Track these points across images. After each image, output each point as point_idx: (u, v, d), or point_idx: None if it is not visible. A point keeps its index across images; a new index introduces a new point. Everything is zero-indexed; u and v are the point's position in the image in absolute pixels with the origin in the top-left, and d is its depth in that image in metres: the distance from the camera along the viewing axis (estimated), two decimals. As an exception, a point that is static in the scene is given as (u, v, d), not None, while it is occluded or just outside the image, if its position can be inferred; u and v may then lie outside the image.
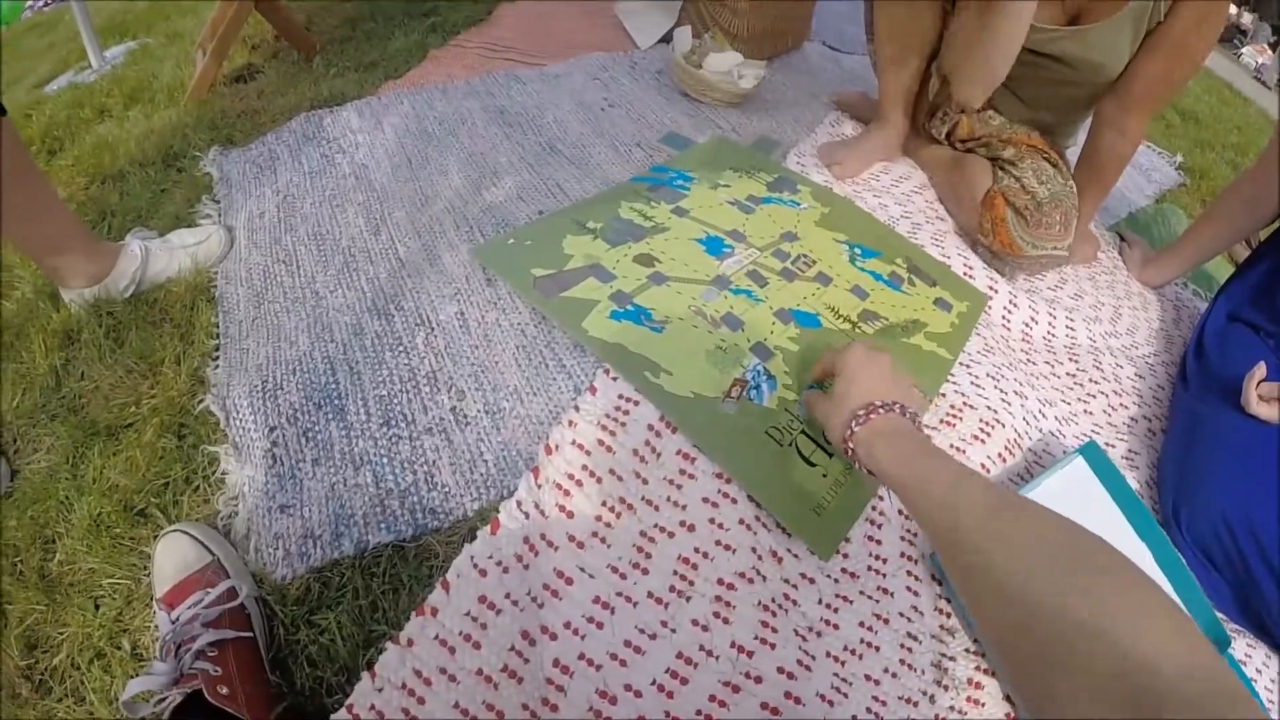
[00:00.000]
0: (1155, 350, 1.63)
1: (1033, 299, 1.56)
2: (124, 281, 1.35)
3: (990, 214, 1.55)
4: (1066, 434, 1.31)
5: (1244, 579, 1.12)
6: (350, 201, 1.56)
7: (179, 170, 1.76)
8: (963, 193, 1.66)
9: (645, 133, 1.89)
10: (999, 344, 1.44)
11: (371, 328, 1.24)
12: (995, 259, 1.58)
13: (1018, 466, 1.21)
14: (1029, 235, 1.50)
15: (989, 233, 1.55)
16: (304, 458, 1.04)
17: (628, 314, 1.24)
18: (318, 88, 2.08)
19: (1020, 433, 1.23)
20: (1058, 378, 1.44)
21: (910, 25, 1.63)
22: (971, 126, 1.70)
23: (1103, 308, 1.68)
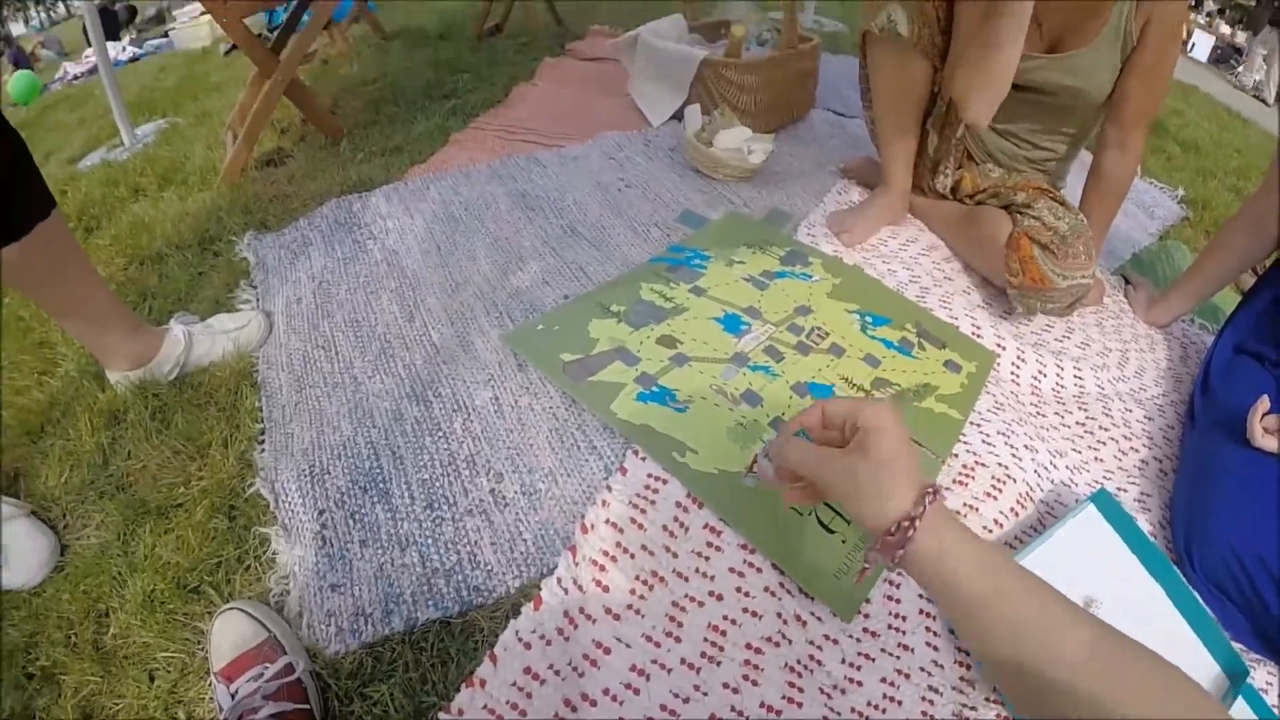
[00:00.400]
0: (1164, 390, 1.66)
1: (1040, 352, 1.61)
2: (168, 365, 1.41)
3: (1017, 254, 1.60)
4: (1079, 482, 1.35)
5: (1258, 608, 1.13)
6: (383, 288, 1.63)
7: (215, 254, 1.84)
8: (984, 242, 1.72)
9: (661, 212, 1.97)
10: (1009, 400, 1.49)
11: (411, 413, 1.30)
12: (1025, 297, 1.62)
13: (1030, 519, 1.24)
14: (1059, 267, 1.55)
15: (1018, 272, 1.60)
16: (352, 539, 1.10)
17: (653, 395, 1.30)
18: (346, 172, 2.17)
19: (1032, 485, 1.27)
20: (1068, 427, 1.48)
21: (903, 84, 1.73)
22: (975, 181, 1.79)
23: (1110, 353, 1.71)
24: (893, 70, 1.72)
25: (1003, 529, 1.21)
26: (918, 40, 1.64)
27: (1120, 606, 1.10)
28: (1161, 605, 1.14)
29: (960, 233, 1.87)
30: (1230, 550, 1.16)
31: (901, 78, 1.72)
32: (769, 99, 2.47)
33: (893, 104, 1.77)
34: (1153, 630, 1.05)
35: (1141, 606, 1.13)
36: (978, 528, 1.17)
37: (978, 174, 1.80)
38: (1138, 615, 1.11)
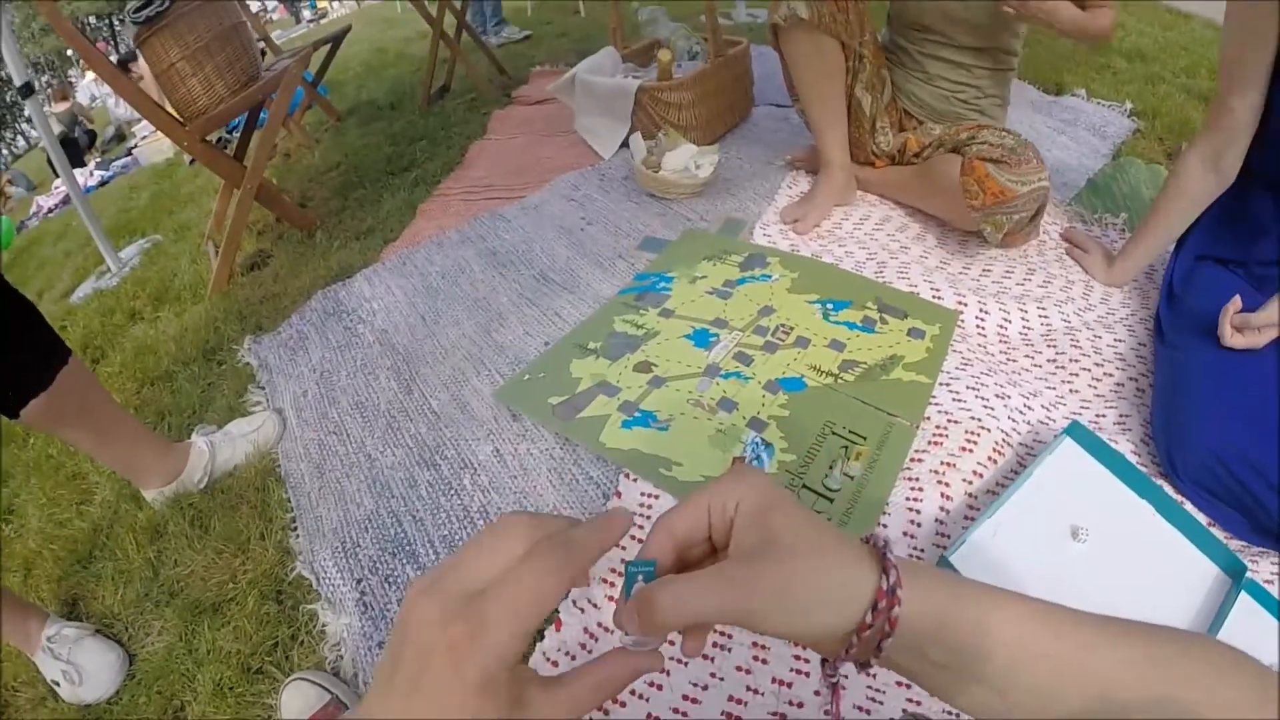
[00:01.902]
0: (1132, 310, 1.67)
1: (1002, 300, 1.67)
2: (198, 475, 1.53)
3: (973, 177, 1.68)
4: (1056, 418, 1.39)
5: (1250, 504, 1.14)
6: (380, 367, 1.76)
7: (220, 363, 1.97)
8: (939, 183, 1.83)
9: (623, 242, 2.09)
10: (977, 353, 1.55)
11: (424, 478, 1.42)
12: (991, 216, 1.69)
13: (1009, 464, 1.29)
14: (1014, 175, 1.64)
15: (977, 193, 1.68)
16: (390, 600, 1.21)
17: (636, 420, 1.42)
18: (326, 263, 2.30)
19: (1007, 431, 1.33)
20: (1039, 367, 1.53)
21: (818, 64, 1.86)
22: (919, 140, 1.90)
23: (1073, 285, 1.75)
24: (806, 53, 1.86)
25: (982, 478, 1.26)
26: (819, 20, 1.77)
27: (1111, 528, 1.14)
28: (1152, 520, 1.16)
29: (915, 187, 1.97)
30: (1213, 454, 1.18)
31: (815, 58, 1.85)
32: (708, 110, 2.58)
33: (814, 85, 1.90)
34: (1147, 543, 1.14)
35: (1132, 525, 1.16)
36: (958, 481, 1.25)
37: (920, 134, 1.91)
38: (1129, 533, 1.15)
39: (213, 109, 2.35)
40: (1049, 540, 1.14)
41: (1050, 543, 1.14)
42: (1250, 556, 1.14)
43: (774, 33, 1.92)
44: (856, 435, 1.35)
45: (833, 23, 1.78)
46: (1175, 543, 1.14)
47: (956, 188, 1.73)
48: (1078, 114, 2.71)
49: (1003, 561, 1.11)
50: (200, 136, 2.34)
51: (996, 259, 1.85)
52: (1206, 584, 1.09)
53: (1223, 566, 1.10)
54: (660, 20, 3.31)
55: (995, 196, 1.66)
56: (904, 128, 1.99)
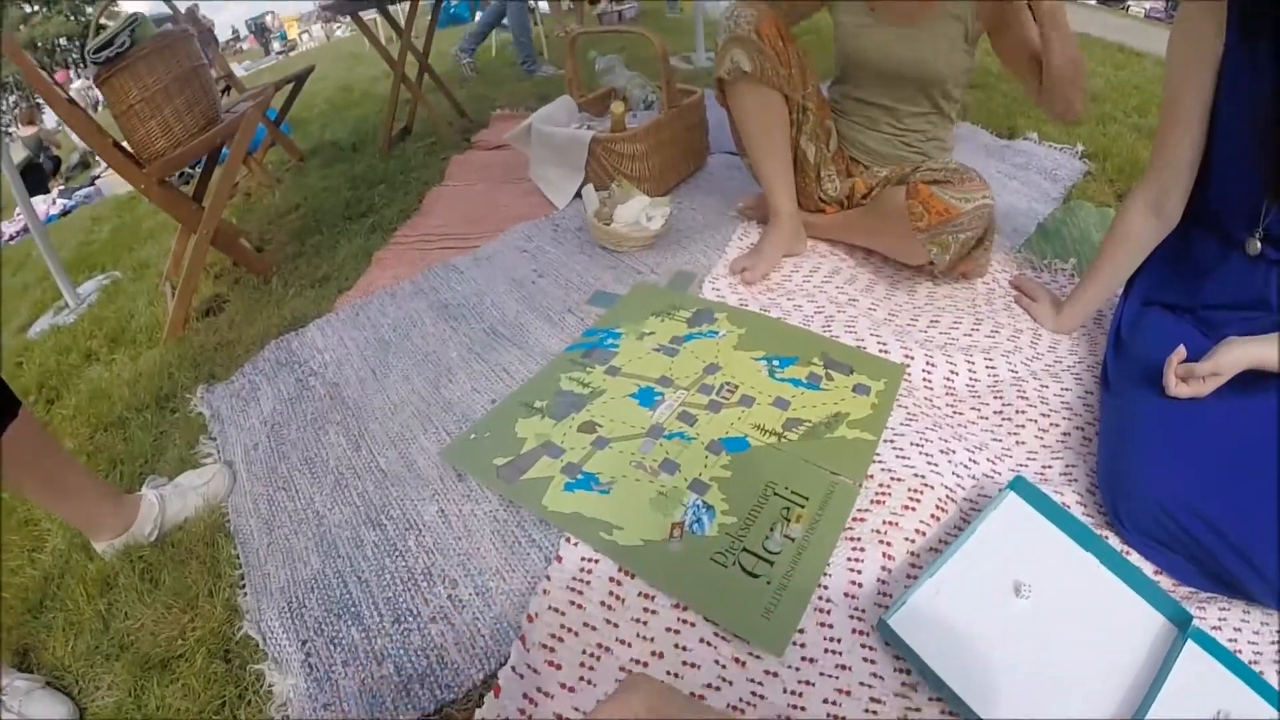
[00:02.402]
0: (1080, 357, 1.70)
1: (948, 352, 1.70)
2: (148, 528, 1.55)
3: (918, 199, 1.74)
4: (1002, 471, 1.42)
5: (1197, 551, 1.16)
6: (329, 421, 1.80)
7: (173, 410, 1.99)
8: (885, 216, 1.89)
9: (574, 296, 2.15)
10: (922, 407, 1.58)
11: (369, 538, 1.46)
12: (937, 236, 1.74)
13: (953, 520, 1.32)
14: (958, 193, 1.70)
15: (922, 214, 1.73)
16: (335, 661, 1.25)
17: (579, 483, 1.47)
18: (280, 311, 2.34)
19: (951, 488, 1.35)
20: (986, 419, 1.56)
21: (763, 116, 1.95)
22: (866, 183, 1.98)
23: (1021, 334, 1.77)
24: (751, 106, 1.95)
25: (925, 536, 1.29)
26: (762, 73, 1.86)
27: (1055, 583, 1.17)
28: (1096, 572, 1.19)
29: (862, 226, 2.04)
30: (1159, 504, 1.19)
31: (760, 111, 1.94)
32: (662, 161, 2.65)
33: (760, 137, 1.98)
34: (1092, 596, 1.16)
35: (1076, 579, 1.18)
36: (900, 540, 1.27)
37: (867, 176, 1.99)
38: (1074, 587, 1.18)
39: (171, 151, 2.37)
40: (992, 597, 1.17)
41: (993, 600, 1.17)
42: (1198, 603, 1.17)
43: (719, 87, 2.00)
44: (798, 495, 1.39)
45: (775, 76, 1.88)
46: (1120, 594, 1.17)
47: (903, 214, 1.77)
48: (1030, 158, 2.80)
49: (944, 621, 1.13)
50: (158, 179, 2.36)
51: (944, 310, 1.90)
52: (1152, 634, 1.12)
53: (1169, 616, 1.13)
54: (617, 69, 3.40)
55: (940, 215, 1.71)
56: (851, 173, 2.07)
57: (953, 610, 1.14)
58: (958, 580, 1.18)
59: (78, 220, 4.78)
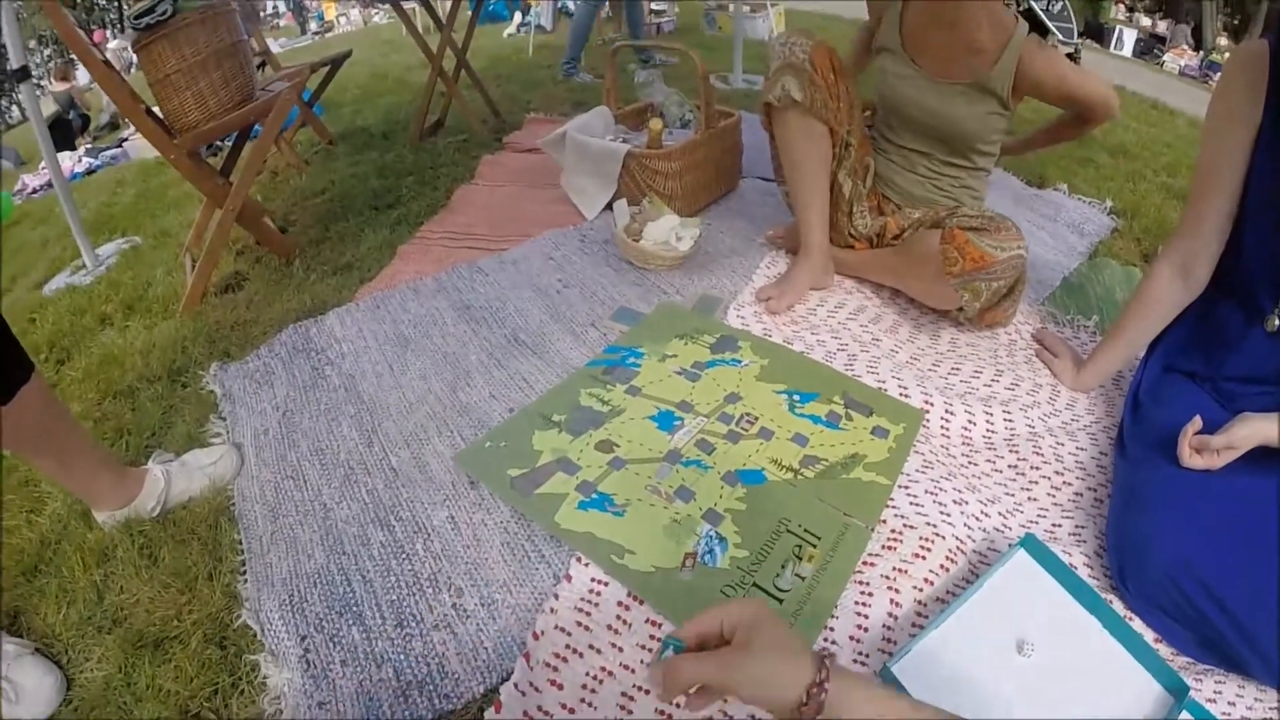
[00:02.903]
0: (1096, 418, 1.71)
1: (968, 401, 1.71)
2: (151, 503, 1.53)
3: (953, 244, 1.75)
4: (1012, 526, 1.43)
5: (1199, 623, 1.17)
6: (343, 414, 1.78)
7: (184, 385, 1.97)
8: (919, 256, 1.89)
9: (598, 310, 2.14)
10: (938, 455, 1.58)
11: (376, 537, 1.44)
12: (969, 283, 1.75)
13: (961, 571, 1.33)
14: (994, 241, 1.71)
15: (956, 259, 1.74)
16: (333, 660, 1.23)
17: (593, 502, 1.46)
18: (300, 295, 2.32)
19: (962, 539, 1.36)
20: (1000, 472, 1.56)
21: (807, 146, 1.94)
22: (899, 223, 1.97)
23: (1040, 389, 1.78)
24: (795, 135, 1.94)
25: (933, 585, 1.30)
26: (811, 104, 1.85)
27: (1057, 643, 1.18)
28: (1098, 636, 1.20)
29: (894, 266, 2.03)
30: (1165, 572, 1.19)
31: (804, 141, 1.93)
32: (695, 181, 2.65)
33: (800, 167, 1.97)
34: (1092, 659, 1.17)
35: (1078, 639, 1.19)
36: (908, 588, 1.28)
37: (900, 217, 1.99)
38: (1075, 648, 1.18)
39: (203, 124, 2.36)
40: (994, 652, 1.17)
41: (995, 655, 1.17)
42: (1195, 675, 1.18)
43: (766, 111, 2.00)
44: (811, 535, 1.39)
45: (824, 108, 1.87)
46: (1120, 660, 1.17)
47: (936, 259, 1.78)
48: (1059, 209, 2.81)
49: (946, 672, 1.13)
50: (188, 151, 2.36)
51: (966, 358, 1.90)
52: (1149, 701, 1.12)
53: (1166, 685, 1.14)
54: (656, 84, 3.39)
55: (974, 262, 1.72)
56: (883, 211, 2.07)
57: (955, 662, 1.14)
58: (962, 633, 1.18)
59: (102, 181, 4.76)
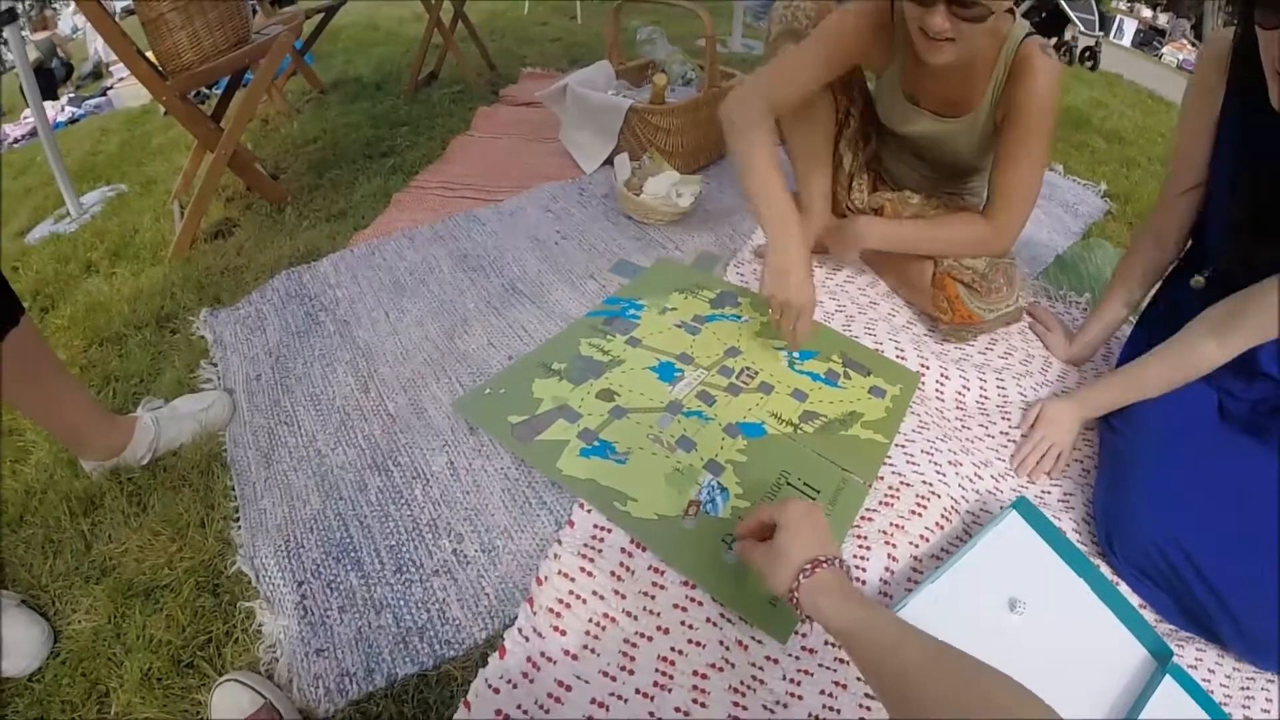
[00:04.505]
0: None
1: (963, 367, 1.72)
2: (141, 451, 1.49)
3: (944, 294, 1.74)
4: (1004, 489, 1.46)
5: (1182, 591, 1.22)
6: (338, 360, 1.74)
7: (173, 331, 1.93)
8: (910, 276, 1.87)
9: (597, 262, 2.10)
10: (934, 417, 1.60)
11: (374, 483, 1.41)
12: (955, 332, 1.78)
13: (956, 530, 1.35)
14: (984, 303, 1.70)
15: (947, 310, 1.74)
16: (331, 606, 1.20)
17: (595, 450, 1.43)
18: (293, 241, 2.27)
19: (956, 499, 1.38)
20: (992, 438, 1.58)
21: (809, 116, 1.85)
22: (896, 209, 1.90)
23: (1033, 359, 1.81)
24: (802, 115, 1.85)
25: (929, 542, 1.32)
26: None
27: (1046, 602, 1.20)
28: (1086, 598, 1.23)
29: (887, 265, 2.00)
30: (1151, 540, 1.25)
31: (807, 109, 1.84)
32: (696, 139, 2.61)
33: (803, 136, 1.90)
34: (1080, 621, 1.20)
35: (1067, 601, 1.22)
36: (905, 543, 1.30)
37: (898, 202, 1.92)
38: (1064, 609, 1.21)
39: (197, 66, 2.29)
40: (986, 610, 1.19)
41: (987, 612, 1.18)
42: (1178, 641, 1.22)
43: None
44: (811, 488, 1.38)
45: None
46: (1107, 623, 1.20)
47: (926, 287, 1.79)
48: (1053, 189, 2.79)
49: (940, 628, 1.10)
50: (180, 94, 2.29)
51: (962, 325, 1.88)
52: (1133, 665, 1.15)
53: (1150, 650, 1.17)
54: (658, 42, 3.32)
55: (964, 319, 1.73)
56: (877, 187, 2.01)
57: (949, 618, 1.14)
58: (956, 590, 1.19)
59: (85, 130, 4.66)
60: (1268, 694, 1.17)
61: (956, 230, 1.74)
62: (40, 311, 2.14)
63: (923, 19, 1.39)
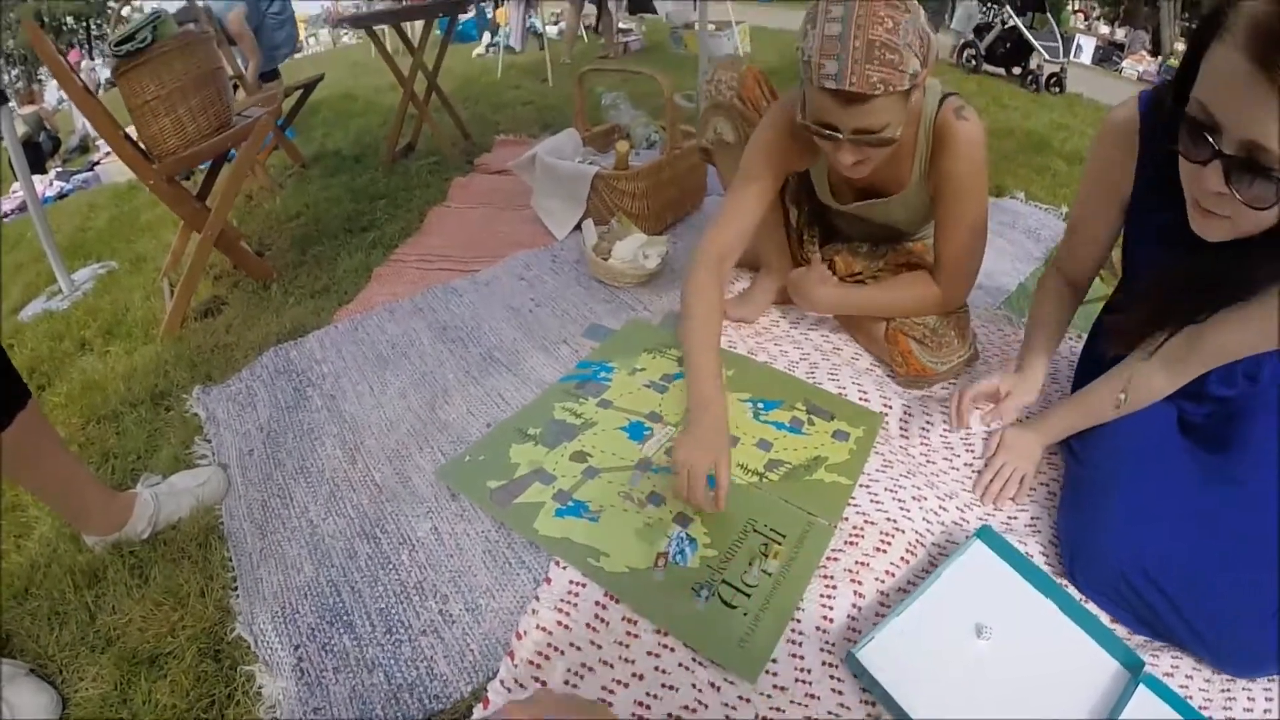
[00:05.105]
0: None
1: (926, 404, 1.79)
2: (141, 525, 1.57)
3: (897, 349, 1.83)
4: (970, 519, 1.51)
5: (1148, 614, 1.25)
6: (326, 434, 1.84)
7: (168, 409, 2.02)
8: (869, 328, 1.95)
9: (570, 327, 2.21)
10: (898, 455, 1.65)
11: (363, 550, 1.50)
12: (911, 383, 1.86)
13: (922, 564, 1.40)
14: (935, 357, 1.79)
15: (902, 364, 1.83)
16: (326, 667, 1.29)
17: (569, 510, 1.53)
18: (280, 318, 2.38)
19: (921, 533, 1.44)
20: (957, 470, 1.63)
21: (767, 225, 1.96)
22: (849, 263, 1.98)
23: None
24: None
25: (894, 577, 1.37)
26: (743, 142, 1.88)
27: (1015, 625, 1.24)
28: (1054, 618, 1.26)
29: (845, 318, 2.09)
30: (1114, 570, 1.27)
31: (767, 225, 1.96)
32: (661, 200, 2.74)
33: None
34: (1049, 640, 1.24)
35: (1035, 622, 1.26)
36: (870, 580, 1.35)
37: (849, 253, 2.00)
38: (1032, 630, 1.25)
39: (181, 151, 2.41)
40: (954, 637, 1.24)
41: (955, 640, 1.24)
42: (1152, 650, 1.25)
43: (704, 153, 2.06)
44: (776, 533, 1.46)
45: None
46: (1077, 639, 1.24)
47: (881, 339, 1.88)
48: (1016, 217, 2.90)
49: (909, 657, 1.20)
50: (166, 177, 2.40)
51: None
52: (1105, 678, 1.19)
53: (1122, 661, 1.20)
54: (622, 107, 3.47)
55: (918, 372, 1.81)
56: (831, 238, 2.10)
57: (917, 647, 1.21)
58: (923, 619, 1.24)
59: (74, 205, 4.77)
60: (1249, 693, 1.19)
61: (907, 294, 1.81)
62: (37, 389, 2.22)
63: (833, 154, 1.51)
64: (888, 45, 1.33)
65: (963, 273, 1.74)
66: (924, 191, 1.72)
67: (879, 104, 1.38)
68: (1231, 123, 0.91)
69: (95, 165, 5.75)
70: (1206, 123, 0.94)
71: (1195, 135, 0.97)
